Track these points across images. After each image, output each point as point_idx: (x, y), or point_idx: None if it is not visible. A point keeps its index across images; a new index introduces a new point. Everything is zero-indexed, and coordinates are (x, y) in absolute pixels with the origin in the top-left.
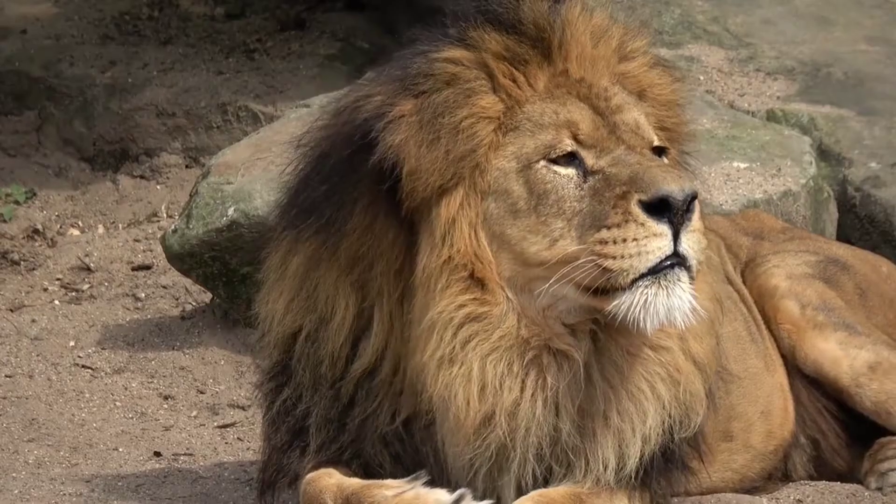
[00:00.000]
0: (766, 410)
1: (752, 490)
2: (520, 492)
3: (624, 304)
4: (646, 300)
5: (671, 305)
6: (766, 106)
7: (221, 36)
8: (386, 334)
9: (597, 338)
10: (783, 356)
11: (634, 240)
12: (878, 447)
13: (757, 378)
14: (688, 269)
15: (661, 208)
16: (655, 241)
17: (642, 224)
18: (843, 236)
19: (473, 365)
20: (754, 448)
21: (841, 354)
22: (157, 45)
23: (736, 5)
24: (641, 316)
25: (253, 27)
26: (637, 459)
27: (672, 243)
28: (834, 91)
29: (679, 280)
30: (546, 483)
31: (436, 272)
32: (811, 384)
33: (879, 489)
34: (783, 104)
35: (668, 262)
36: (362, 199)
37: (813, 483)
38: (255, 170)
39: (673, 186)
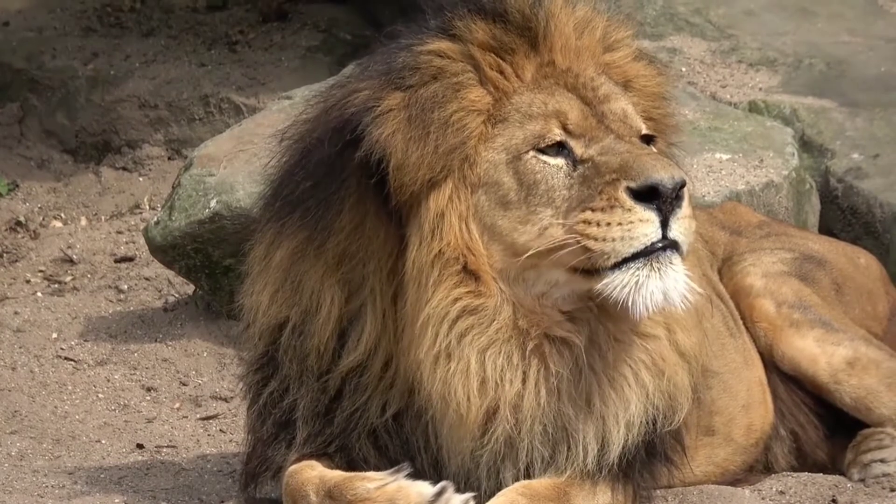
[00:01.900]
0: (747, 404)
1: (734, 482)
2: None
3: (614, 284)
4: (637, 281)
5: (666, 287)
6: (748, 97)
7: (203, 28)
8: (379, 332)
9: (591, 323)
10: (760, 353)
11: (619, 224)
12: (861, 439)
13: (737, 373)
14: (679, 252)
15: (649, 196)
16: (642, 226)
17: (629, 209)
18: (825, 227)
19: (471, 359)
20: (736, 441)
21: (818, 352)
22: (140, 36)
23: None
24: (633, 297)
25: (235, 19)
26: (620, 446)
27: (660, 229)
28: (816, 82)
29: (671, 263)
30: (546, 469)
31: (427, 267)
32: (789, 379)
33: (862, 480)
34: (765, 95)
35: (660, 245)
36: (350, 198)
37: (795, 474)
38: (237, 162)
39: (663, 174)
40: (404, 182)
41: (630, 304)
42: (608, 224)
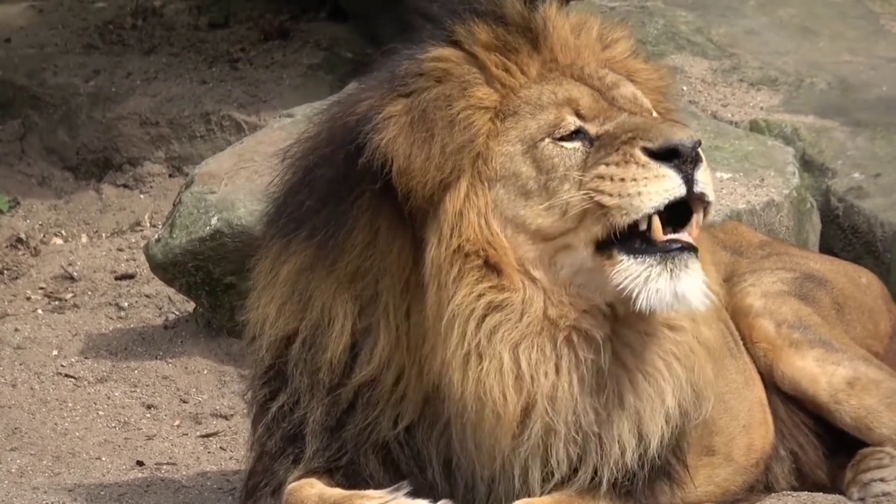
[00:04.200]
0: (747, 424)
1: (734, 502)
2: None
3: (624, 272)
4: (647, 277)
5: (678, 291)
6: (749, 116)
7: (205, 45)
8: (392, 346)
9: (615, 320)
10: (760, 374)
11: (634, 180)
12: (861, 458)
13: (737, 393)
14: (693, 251)
15: (668, 156)
16: (658, 182)
17: (643, 165)
18: (826, 247)
19: (504, 356)
20: (736, 461)
21: (818, 371)
22: (141, 54)
23: (719, 16)
24: (638, 291)
25: (236, 37)
26: (658, 440)
27: (684, 185)
28: (817, 101)
29: (687, 266)
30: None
31: (446, 264)
32: (788, 399)
33: (862, 500)
34: (766, 114)
35: (677, 246)
36: (363, 216)
37: (795, 494)
38: (238, 179)
39: (681, 135)
40: (413, 187)
41: (634, 297)
42: (622, 179)
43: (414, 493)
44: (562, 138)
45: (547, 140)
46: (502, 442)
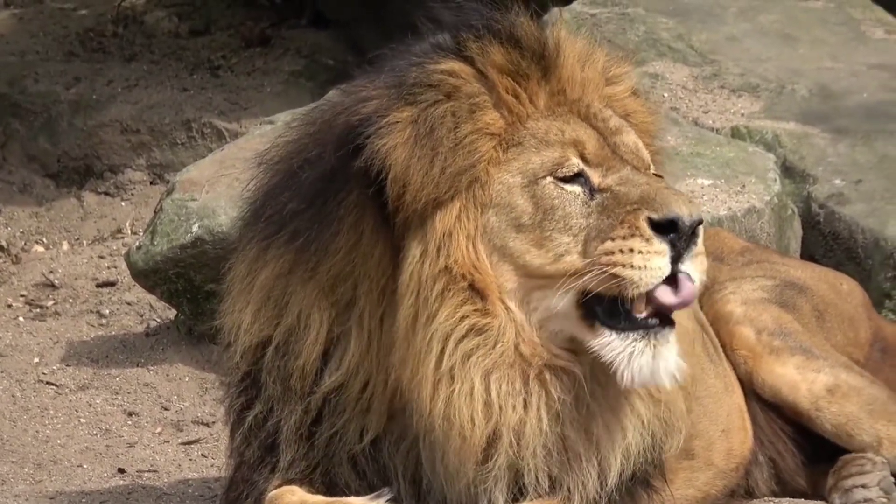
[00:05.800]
0: (727, 429)
1: None
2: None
3: (610, 347)
4: (632, 353)
5: (655, 367)
6: (730, 123)
7: (186, 52)
8: (362, 352)
9: (591, 356)
10: (740, 381)
11: (640, 252)
12: (843, 464)
13: (717, 398)
14: (672, 326)
15: (667, 229)
16: (657, 258)
17: (647, 240)
18: (807, 253)
19: (475, 381)
20: (716, 466)
21: (799, 379)
22: (122, 61)
23: (700, 22)
24: (622, 368)
25: (217, 44)
26: (618, 474)
27: (670, 266)
28: (798, 108)
29: (667, 341)
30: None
31: (428, 280)
32: (768, 407)
33: None
34: (747, 121)
35: (656, 322)
36: (349, 217)
37: (776, 500)
38: (219, 186)
39: (683, 210)
40: (405, 200)
41: (618, 373)
42: (630, 250)
43: (395, 501)
44: (564, 179)
45: (549, 179)
46: (466, 465)
